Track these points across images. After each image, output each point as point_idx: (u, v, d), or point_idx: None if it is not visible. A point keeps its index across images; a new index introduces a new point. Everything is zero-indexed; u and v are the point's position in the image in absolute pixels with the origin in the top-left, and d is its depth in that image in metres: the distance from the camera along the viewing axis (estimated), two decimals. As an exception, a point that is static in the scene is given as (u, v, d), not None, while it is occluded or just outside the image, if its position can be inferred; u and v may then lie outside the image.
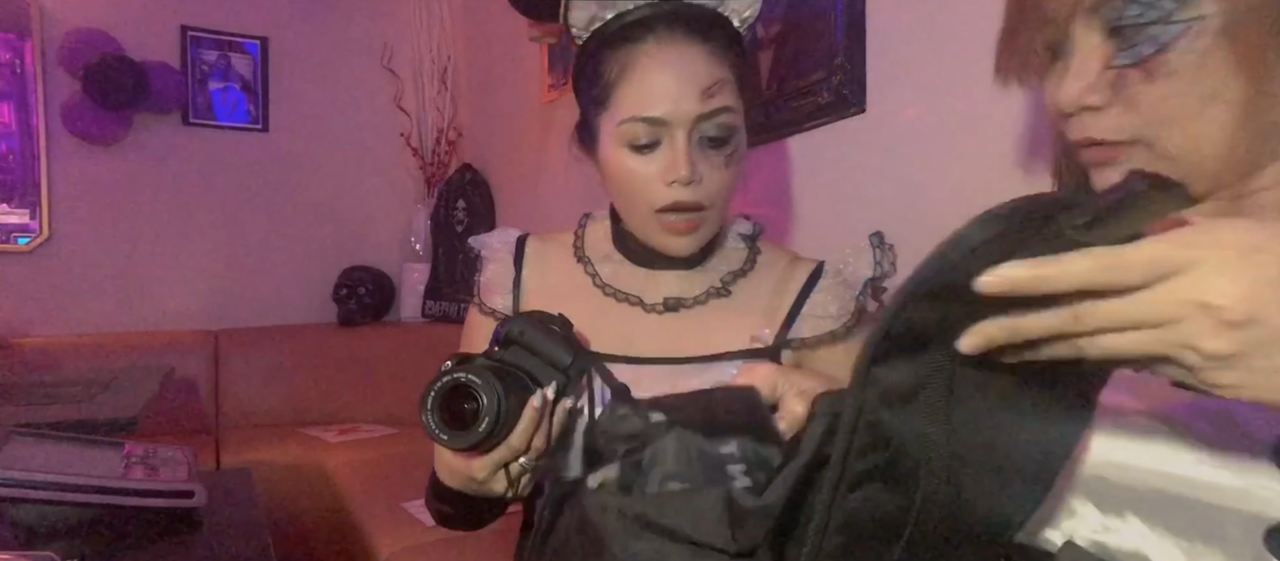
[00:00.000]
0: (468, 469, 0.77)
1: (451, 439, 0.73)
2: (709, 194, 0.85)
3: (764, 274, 0.94)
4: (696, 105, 0.82)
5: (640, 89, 0.83)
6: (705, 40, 0.84)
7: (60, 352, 2.64)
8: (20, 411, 1.57)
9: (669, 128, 0.83)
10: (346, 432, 2.68)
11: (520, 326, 0.81)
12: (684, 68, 0.83)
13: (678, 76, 0.82)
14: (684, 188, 0.83)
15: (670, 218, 0.85)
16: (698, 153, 0.84)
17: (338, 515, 2.25)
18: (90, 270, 2.92)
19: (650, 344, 0.89)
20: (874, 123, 1.27)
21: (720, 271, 0.93)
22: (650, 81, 0.83)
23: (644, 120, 0.83)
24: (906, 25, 1.20)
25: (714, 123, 0.84)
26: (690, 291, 0.92)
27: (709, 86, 0.83)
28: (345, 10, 3.26)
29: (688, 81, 0.82)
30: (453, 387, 0.73)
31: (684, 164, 0.82)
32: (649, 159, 0.84)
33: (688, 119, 0.83)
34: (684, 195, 0.84)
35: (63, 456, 1.07)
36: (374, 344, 3.00)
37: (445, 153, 3.28)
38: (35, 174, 2.83)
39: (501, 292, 0.97)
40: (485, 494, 0.80)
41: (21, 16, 2.80)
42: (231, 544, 1.02)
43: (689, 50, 0.83)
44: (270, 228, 3.17)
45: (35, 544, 0.97)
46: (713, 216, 0.87)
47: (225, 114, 3.12)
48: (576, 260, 0.97)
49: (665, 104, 0.82)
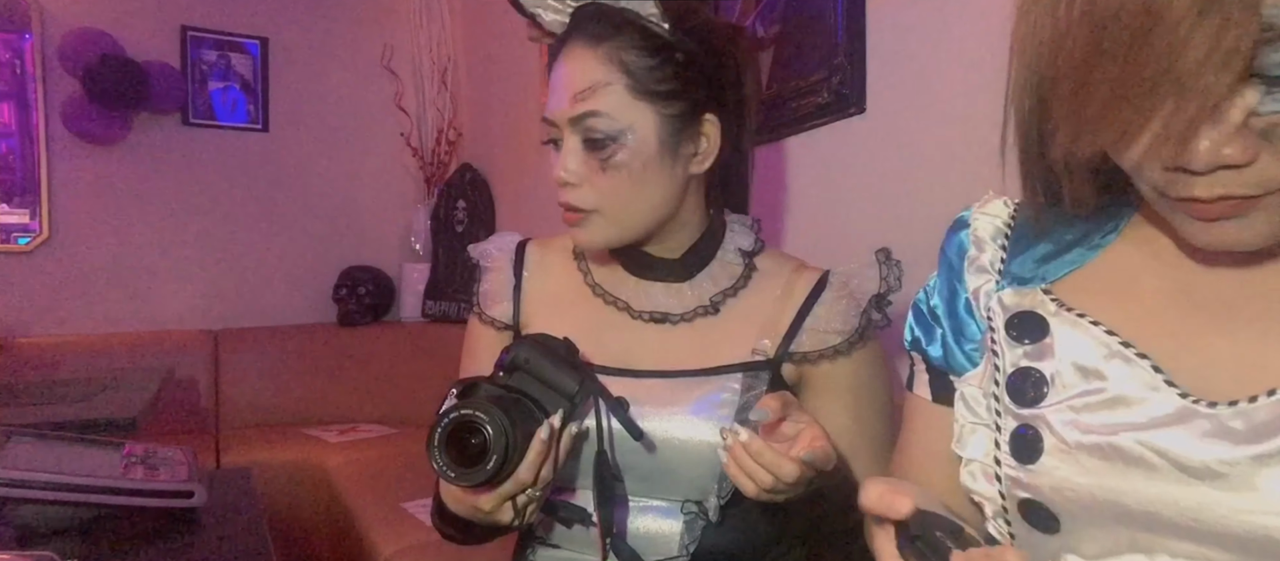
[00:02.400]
0: (474, 501, 0.77)
1: (459, 477, 0.72)
2: (587, 198, 0.85)
3: (764, 285, 0.92)
4: (568, 108, 0.84)
5: (551, 88, 0.87)
6: (599, 41, 0.84)
7: (60, 352, 2.64)
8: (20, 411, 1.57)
9: (559, 128, 0.86)
10: (346, 432, 2.68)
11: (525, 352, 0.80)
12: (567, 70, 0.85)
13: (560, 78, 0.86)
14: (561, 188, 0.87)
15: (566, 211, 0.88)
16: (580, 155, 0.85)
17: (338, 515, 2.25)
18: (90, 270, 2.92)
19: (648, 356, 0.88)
20: (874, 123, 1.27)
21: (710, 289, 0.91)
22: (556, 80, 0.87)
23: (545, 119, 0.88)
24: (906, 25, 1.20)
25: (583, 125, 0.84)
26: (677, 307, 0.91)
27: (582, 90, 0.83)
28: (345, 10, 3.26)
29: (565, 83, 0.85)
30: (458, 424, 0.72)
31: (558, 165, 0.86)
32: (555, 157, 0.88)
33: (563, 121, 0.85)
34: (562, 196, 0.87)
35: (63, 456, 1.07)
36: (374, 344, 3.00)
37: (445, 153, 3.28)
38: (35, 174, 2.83)
39: (502, 301, 0.97)
40: (491, 523, 0.79)
41: (21, 16, 2.80)
42: (231, 544, 1.02)
43: (581, 51, 0.85)
44: (270, 227, 3.17)
45: (35, 544, 0.97)
46: (606, 220, 0.86)
47: (225, 114, 3.12)
48: (575, 261, 0.97)
49: (549, 105, 0.87)
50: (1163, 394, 0.54)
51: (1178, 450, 0.53)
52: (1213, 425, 0.51)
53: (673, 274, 0.92)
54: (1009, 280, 0.67)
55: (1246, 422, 0.50)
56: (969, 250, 0.72)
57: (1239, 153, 0.47)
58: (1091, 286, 0.62)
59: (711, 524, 0.84)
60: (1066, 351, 0.60)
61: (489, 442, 0.71)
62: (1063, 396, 0.59)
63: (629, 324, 0.91)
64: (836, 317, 0.88)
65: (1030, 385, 0.61)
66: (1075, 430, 0.57)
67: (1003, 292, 0.66)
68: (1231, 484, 0.50)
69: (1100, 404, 0.57)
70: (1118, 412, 0.56)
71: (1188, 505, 0.52)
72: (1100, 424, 0.56)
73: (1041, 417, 0.60)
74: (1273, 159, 0.48)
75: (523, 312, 0.96)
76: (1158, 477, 0.53)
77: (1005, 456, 0.62)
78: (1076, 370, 0.59)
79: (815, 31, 1.33)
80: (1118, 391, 0.56)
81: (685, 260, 0.92)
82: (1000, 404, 0.63)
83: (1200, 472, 0.52)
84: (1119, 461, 0.55)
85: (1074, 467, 0.57)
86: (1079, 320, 0.60)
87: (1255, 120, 0.47)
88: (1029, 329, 0.63)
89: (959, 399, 0.69)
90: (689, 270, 0.92)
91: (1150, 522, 0.54)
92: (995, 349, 0.65)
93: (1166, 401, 0.54)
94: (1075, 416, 0.58)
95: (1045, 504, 0.59)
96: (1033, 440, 0.59)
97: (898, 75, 1.22)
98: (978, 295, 0.70)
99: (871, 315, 0.89)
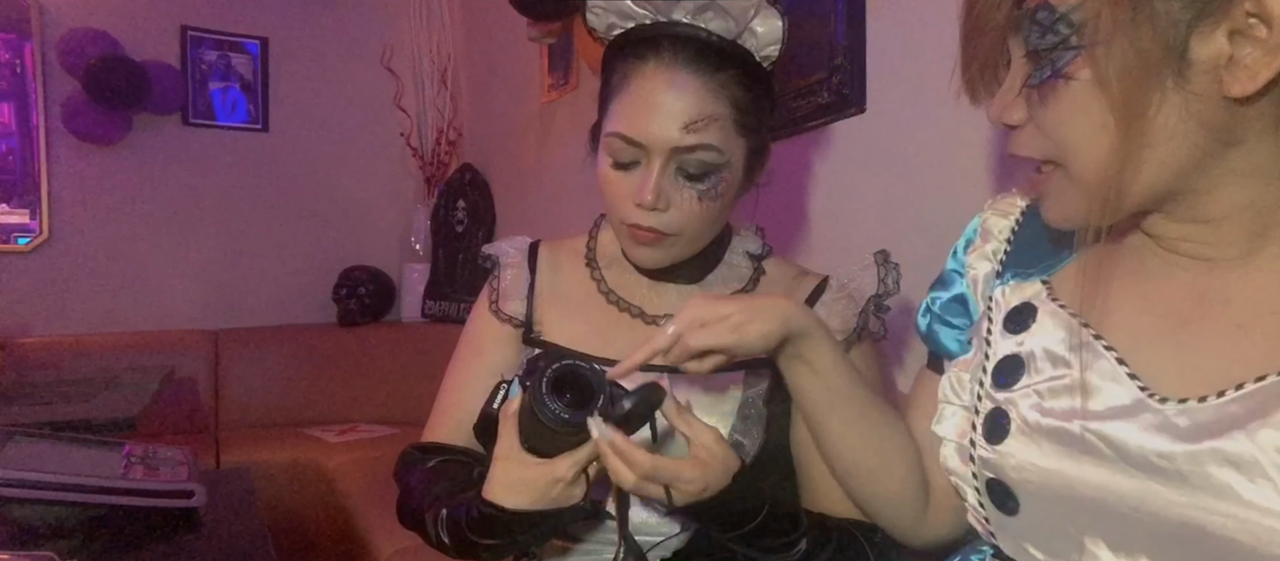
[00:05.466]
0: (550, 473, 0.73)
1: (572, 418, 0.70)
2: (673, 223, 0.84)
3: (769, 290, 0.94)
4: (676, 136, 0.81)
5: (629, 107, 0.83)
6: (711, 72, 0.82)
7: (60, 352, 2.64)
8: (20, 411, 1.57)
9: (646, 151, 0.82)
10: (346, 432, 2.68)
11: (556, 355, 0.79)
12: (674, 97, 0.81)
13: (665, 104, 0.81)
14: (647, 213, 0.83)
15: (639, 230, 0.85)
16: (672, 182, 0.83)
17: (338, 515, 2.25)
18: (90, 270, 2.92)
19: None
20: (874, 123, 1.26)
21: (721, 291, 0.93)
22: (639, 102, 0.82)
23: (624, 138, 0.83)
24: (906, 25, 1.20)
25: (693, 157, 0.82)
26: None
27: (694, 121, 0.81)
28: (345, 10, 3.26)
29: (673, 111, 0.81)
30: (561, 372, 0.71)
31: (650, 190, 0.82)
32: (626, 176, 0.85)
33: (665, 148, 0.81)
34: (645, 220, 0.84)
35: (63, 456, 1.07)
36: (374, 344, 3.00)
37: (445, 153, 3.27)
38: (35, 174, 2.83)
39: (517, 298, 0.97)
40: (562, 503, 0.75)
41: (21, 16, 2.80)
42: (231, 544, 1.02)
43: (686, 79, 0.81)
44: (270, 228, 3.17)
45: (35, 544, 0.97)
46: (682, 242, 0.87)
47: (225, 114, 3.12)
48: (587, 265, 0.98)
49: (645, 128, 0.82)
50: (1123, 385, 0.57)
51: (1123, 439, 0.55)
52: (1159, 420, 0.54)
53: (686, 276, 0.94)
54: (1012, 273, 0.70)
55: (1191, 420, 0.53)
56: (974, 239, 0.75)
57: (1016, 117, 0.58)
58: (1076, 279, 0.65)
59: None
60: (1042, 338, 0.63)
61: (593, 383, 0.71)
62: (1033, 380, 0.62)
63: (639, 326, 0.93)
64: (835, 317, 0.89)
65: (1010, 369, 0.64)
66: (1037, 413, 0.60)
67: (1006, 286, 0.69)
68: (1168, 478, 0.53)
69: (1063, 389, 0.60)
70: (1077, 399, 0.58)
71: (1129, 494, 0.54)
72: (1061, 409, 0.59)
73: (1012, 401, 0.63)
74: (1036, 128, 0.57)
75: (536, 312, 0.97)
76: (1105, 466, 0.56)
77: (979, 437, 0.65)
78: (1047, 356, 0.62)
79: (815, 31, 1.33)
80: (1079, 379, 0.59)
81: (698, 262, 0.93)
82: (982, 388, 0.66)
83: (1140, 463, 0.54)
84: (1074, 447, 0.58)
85: (1034, 450, 0.60)
86: (1059, 310, 0.64)
87: (1027, 91, 0.57)
88: (1022, 320, 0.65)
89: (945, 381, 0.73)
90: (701, 272, 0.94)
91: (1096, 509, 0.57)
92: (988, 339, 0.68)
93: (1125, 392, 0.56)
94: (1039, 400, 0.61)
95: (1008, 484, 0.62)
96: (1003, 421, 0.62)
97: (898, 75, 1.22)
98: (976, 281, 0.73)
99: (869, 318, 0.90)
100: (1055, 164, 0.57)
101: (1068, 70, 0.53)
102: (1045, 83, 0.54)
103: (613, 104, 0.85)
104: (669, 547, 0.86)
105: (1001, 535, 0.65)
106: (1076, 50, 0.52)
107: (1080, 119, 0.53)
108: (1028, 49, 0.55)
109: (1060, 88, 0.54)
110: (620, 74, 0.85)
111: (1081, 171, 0.55)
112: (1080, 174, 0.55)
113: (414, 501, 0.89)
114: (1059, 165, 0.57)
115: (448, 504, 0.83)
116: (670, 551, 0.87)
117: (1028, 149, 0.59)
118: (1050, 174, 0.59)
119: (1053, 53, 0.53)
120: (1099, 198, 0.54)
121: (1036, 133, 0.57)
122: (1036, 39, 0.54)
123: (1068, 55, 0.52)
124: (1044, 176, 0.60)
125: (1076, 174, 0.56)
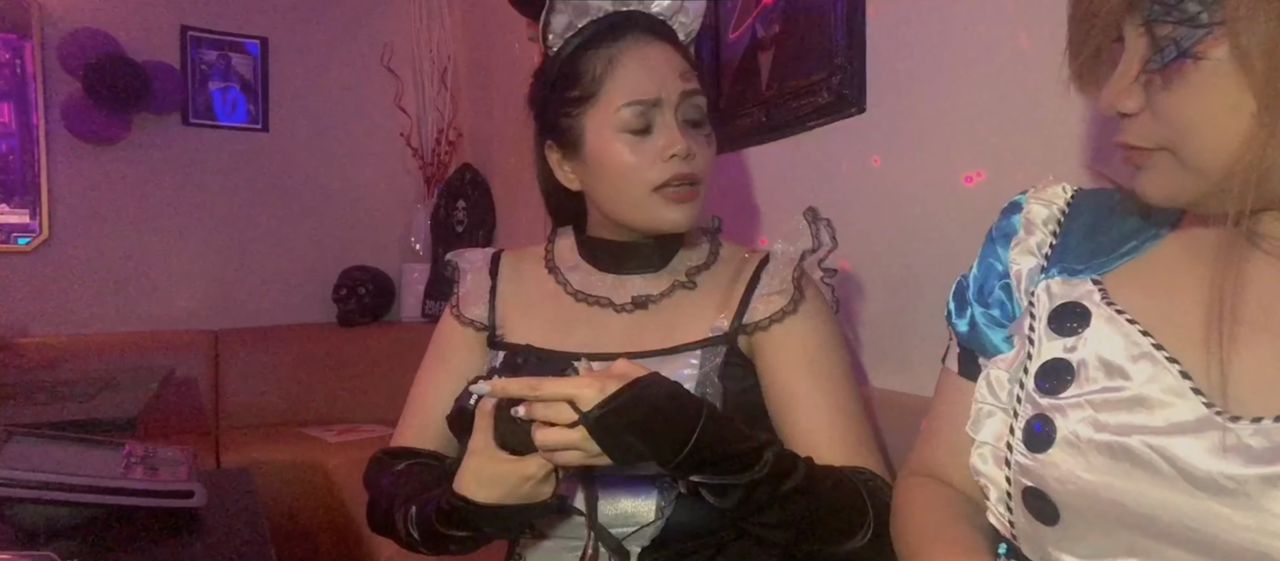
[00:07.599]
0: (521, 470, 0.77)
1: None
2: (700, 168, 0.92)
3: (723, 267, 0.99)
4: (680, 83, 0.92)
5: (628, 76, 0.91)
6: (671, 36, 0.96)
7: (60, 352, 2.63)
8: (20, 411, 1.57)
9: (660, 108, 0.90)
10: (346, 432, 2.68)
11: (522, 355, 0.83)
12: (662, 56, 0.93)
13: (660, 62, 0.92)
14: (683, 161, 0.90)
15: (671, 189, 0.90)
16: (684, 131, 0.92)
17: (338, 515, 2.25)
18: (90, 270, 2.92)
19: (616, 340, 0.94)
20: (874, 123, 1.27)
21: (684, 267, 0.98)
22: (636, 69, 0.91)
23: (639, 103, 0.90)
24: (906, 25, 1.20)
25: (693, 102, 0.93)
26: (657, 289, 0.97)
27: (686, 70, 0.93)
28: (345, 10, 3.26)
29: (668, 66, 0.92)
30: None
31: (680, 139, 0.90)
32: (643, 140, 0.91)
33: (675, 96, 0.91)
34: (683, 168, 0.90)
35: (63, 456, 1.07)
36: (374, 344, 3.00)
37: (445, 153, 3.27)
38: (35, 174, 2.83)
39: (479, 303, 1.02)
40: (531, 500, 0.78)
41: (21, 16, 2.80)
42: (231, 544, 1.02)
43: (661, 44, 0.94)
44: (270, 227, 3.17)
45: (35, 544, 0.96)
46: (701, 193, 0.94)
47: (225, 114, 3.12)
48: (547, 271, 1.03)
49: (656, 86, 0.91)
50: (1187, 401, 0.54)
51: (1188, 459, 0.52)
52: (1229, 439, 0.51)
53: (650, 263, 0.98)
54: (1058, 268, 0.66)
55: (1265, 441, 0.49)
56: (1017, 232, 0.71)
57: (1132, 104, 0.54)
58: (1136, 282, 0.62)
59: (684, 495, 0.84)
60: (1096, 345, 0.59)
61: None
62: (1084, 390, 0.58)
63: (602, 315, 0.97)
64: (777, 280, 0.93)
65: (1057, 376, 0.60)
66: (1089, 426, 0.57)
67: (1052, 281, 0.66)
68: (1236, 500, 0.50)
69: (1119, 403, 0.56)
70: (1136, 414, 0.55)
71: (1188, 514, 0.51)
72: (1116, 423, 0.56)
73: (1059, 408, 0.59)
74: (1153, 115, 0.53)
75: (498, 313, 1.02)
76: (1162, 483, 0.53)
77: (1017, 442, 0.61)
78: (1101, 365, 0.59)
79: (815, 31, 1.33)
80: (1139, 392, 0.56)
81: (661, 243, 0.97)
82: (1023, 391, 0.63)
83: (1206, 485, 0.51)
84: (1127, 462, 0.54)
85: (1081, 463, 0.57)
86: (1116, 316, 0.60)
87: (1143, 77, 0.53)
88: (1071, 321, 0.62)
89: (983, 380, 0.69)
90: (663, 260, 0.99)
91: (1147, 526, 0.54)
92: (1031, 337, 0.64)
93: (1189, 409, 0.53)
94: (1093, 413, 0.57)
95: (1048, 494, 0.59)
96: (1047, 430, 0.59)
97: (898, 75, 1.22)
98: (1020, 276, 0.69)
99: (815, 274, 0.95)
100: (1161, 150, 0.54)
101: (1197, 50, 0.50)
102: (1169, 65, 0.51)
103: (608, 85, 0.91)
104: (646, 536, 0.88)
105: (1027, 542, 0.62)
106: (1207, 28, 0.49)
107: (1209, 101, 0.50)
108: (1148, 31, 0.52)
109: (1187, 69, 0.50)
110: (602, 60, 0.92)
111: (1202, 158, 0.52)
112: (1198, 159, 0.52)
113: (384, 503, 0.92)
114: (1169, 151, 0.53)
115: (417, 501, 0.86)
116: (648, 540, 0.88)
117: (1141, 138, 0.55)
118: (1145, 157, 0.55)
119: (1178, 32, 0.50)
120: (1237, 183, 0.50)
121: (1151, 120, 0.54)
122: (1160, 17, 0.51)
123: (1197, 34, 0.49)
124: (1138, 158, 0.56)
125: (1192, 159, 0.52)
